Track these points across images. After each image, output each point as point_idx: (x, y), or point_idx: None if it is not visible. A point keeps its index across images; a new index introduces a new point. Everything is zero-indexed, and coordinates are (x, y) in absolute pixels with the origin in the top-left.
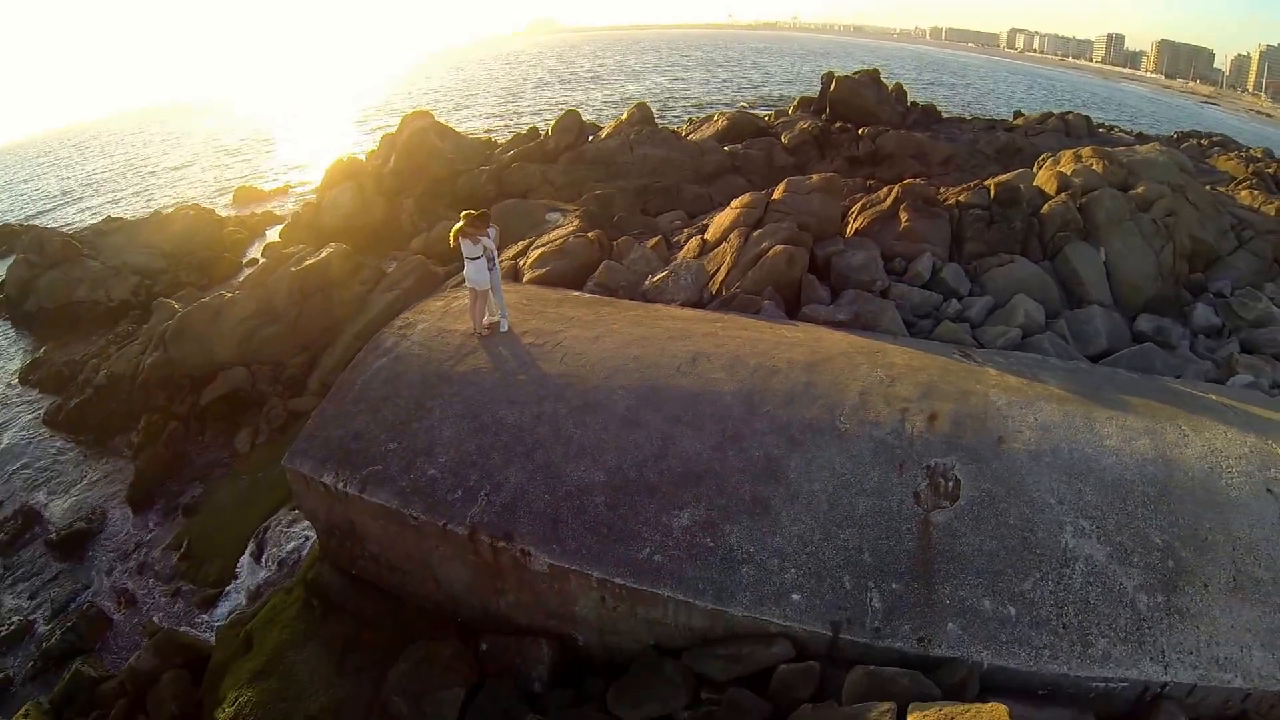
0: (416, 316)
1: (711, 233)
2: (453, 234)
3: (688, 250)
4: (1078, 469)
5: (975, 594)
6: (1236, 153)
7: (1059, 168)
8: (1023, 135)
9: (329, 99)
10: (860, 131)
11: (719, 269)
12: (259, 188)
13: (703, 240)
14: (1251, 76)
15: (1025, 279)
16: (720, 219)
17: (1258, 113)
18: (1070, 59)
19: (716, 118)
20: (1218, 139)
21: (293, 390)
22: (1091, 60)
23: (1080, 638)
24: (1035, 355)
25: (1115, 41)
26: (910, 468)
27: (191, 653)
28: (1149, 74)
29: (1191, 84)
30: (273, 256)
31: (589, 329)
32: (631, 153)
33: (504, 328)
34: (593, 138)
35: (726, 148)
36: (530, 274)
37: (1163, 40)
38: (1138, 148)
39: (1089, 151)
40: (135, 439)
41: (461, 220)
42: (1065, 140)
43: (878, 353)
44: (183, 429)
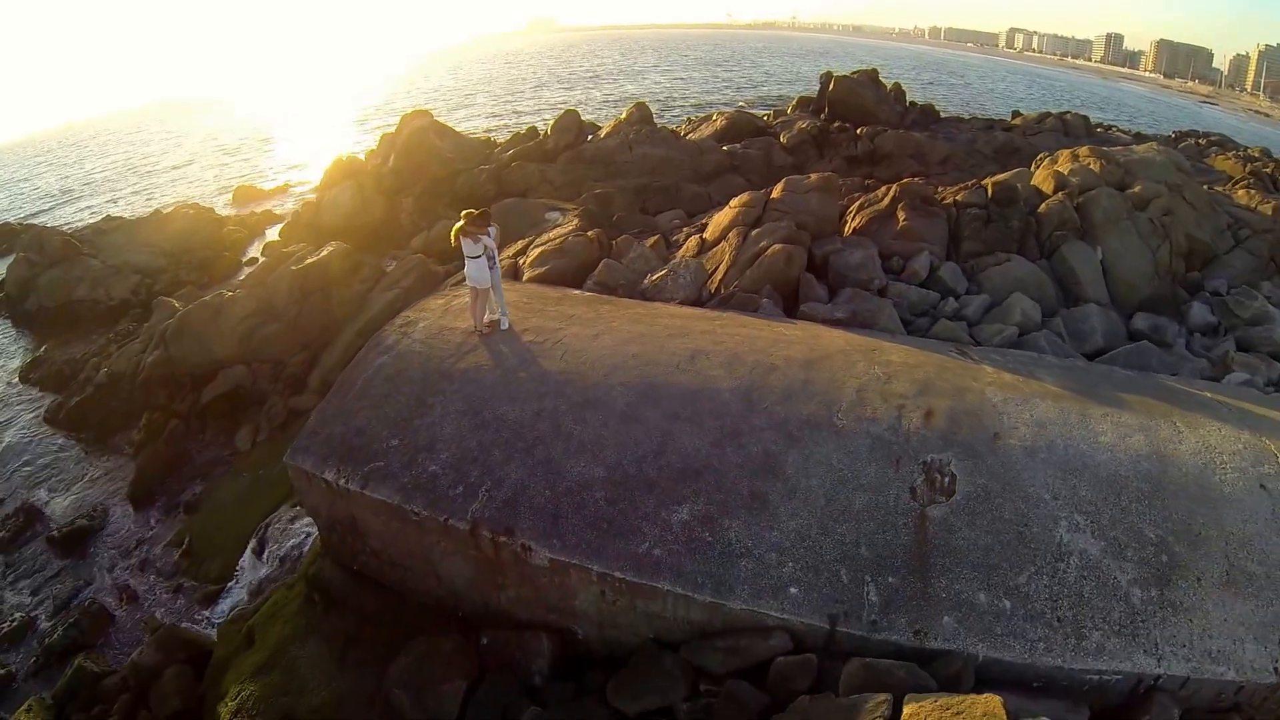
0: (417, 315)
1: (710, 232)
2: (454, 233)
3: (687, 249)
4: (1073, 465)
5: (971, 587)
6: (1234, 152)
7: (1056, 167)
8: (1021, 135)
9: (328, 98)
10: (859, 131)
11: (718, 268)
12: (258, 187)
13: (701, 239)
14: (1250, 76)
15: (1022, 278)
16: (719, 218)
17: (1256, 112)
18: (1069, 59)
19: (715, 117)
20: (1216, 138)
21: (293, 388)
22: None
23: (1074, 631)
24: (1031, 353)
25: (1114, 41)
26: (907, 463)
27: (194, 648)
28: (1148, 74)
29: (1190, 84)
30: (273, 255)
31: (589, 327)
32: (631, 152)
33: (504, 325)
34: (592, 137)
35: (725, 147)
36: (530, 272)
37: (1161, 40)
38: (1135, 147)
39: (1086, 151)
40: (136, 437)
41: (462, 219)
42: (1063, 140)
43: (875, 350)
44: (183, 427)
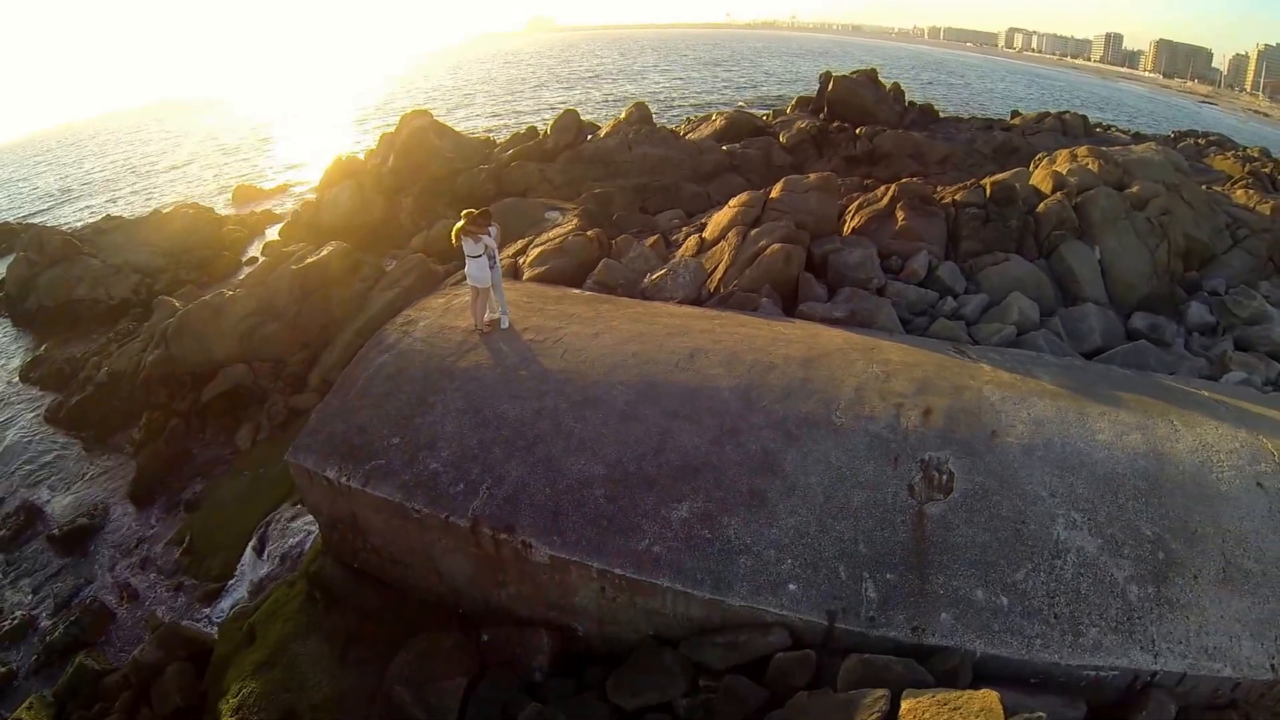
0: (418, 314)
1: (710, 231)
2: (454, 232)
3: (686, 248)
4: (1070, 463)
5: (968, 584)
6: (1233, 152)
7: (1055, 167)
8: (1020, 135)
9: (328, 98)
10: (858, 131)
11: (717, 267)
12: (258, 186)
13: (701, 239)
14: (1249, 76)
15: (1020, 277)
16: (718, 217)
17: (1255, 112)
18: (1068, 58)
19: (715, 117)
20: (1215, 138)
21: (294, 387)
22: (1090, 60)
23: (1071, 627)
24: (1029, 352)
25: (1113, 41)
26: (905, 461)
27: (195, 646)
28: (1147, 73)
29: (1189, 83)
30: (273, 255)
31: (589, 326)
32: (630, 152)
33: (505, 324)
34: (591, 137)
35: (725, 147)
36: (530, 272)
37: (1161, 40)
38: (1133, 147)
39: (1085, 151)
40: (137, 435)
41: (463, 219)
42: (1062, 140)
43: (873, 349)
44: (184, 426)
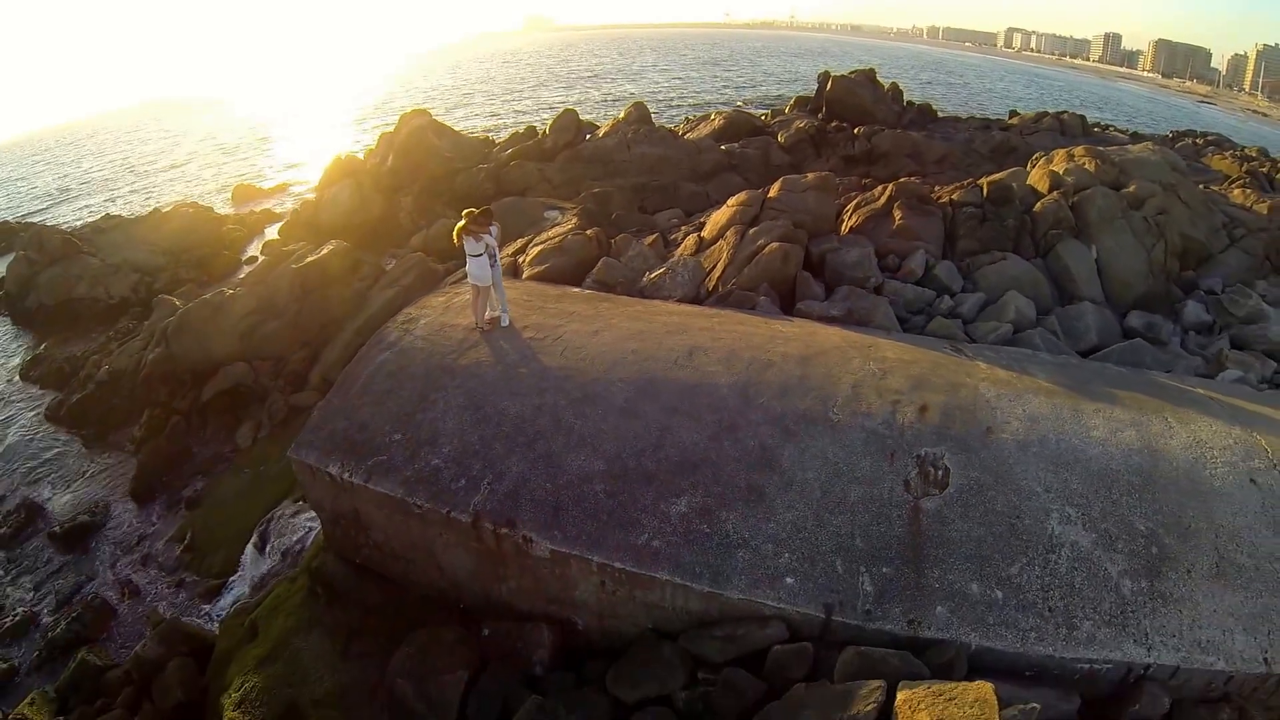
0: (419, 312)
1: (708, 230)
2: (456, 232)
3: (685, 247)
4: (1064, 459)
5: (963, 578)
6: (1231, 151)
7: (1052, 166)
8: (1018, 134)
9: (327, 98)
10: (856, 131)
11: (715, 266)
12: (257, 186)
13: (699, 238)
14: (1248, 76)
15: (1017, 276)
16: (717, 217)
17: (1254, 111)
18: (1067, 58)
19: (714, 117)
20: (1213, 138)
21: (294, 385)
22: (1089, 60)
23: (1065, 620)
24: (1025, 350)
25: (1112, 41)
26: (901, 457)
27: (196, 641)
28: (1146, 73)
29: (1189, 83)
30: (273, 254)
31: (588, 324)
32: (629, 151)
33: (505, 322)
34: (590, 136)
35: (723, 146)
36: (530, 271)
37: (1160, 40)
38: (1130, 147)
39: (1081, 151)
40: (137, 433)
41: (464, 219)
42: (1060, 139)
43: (870, 347)
44: (185, 424)
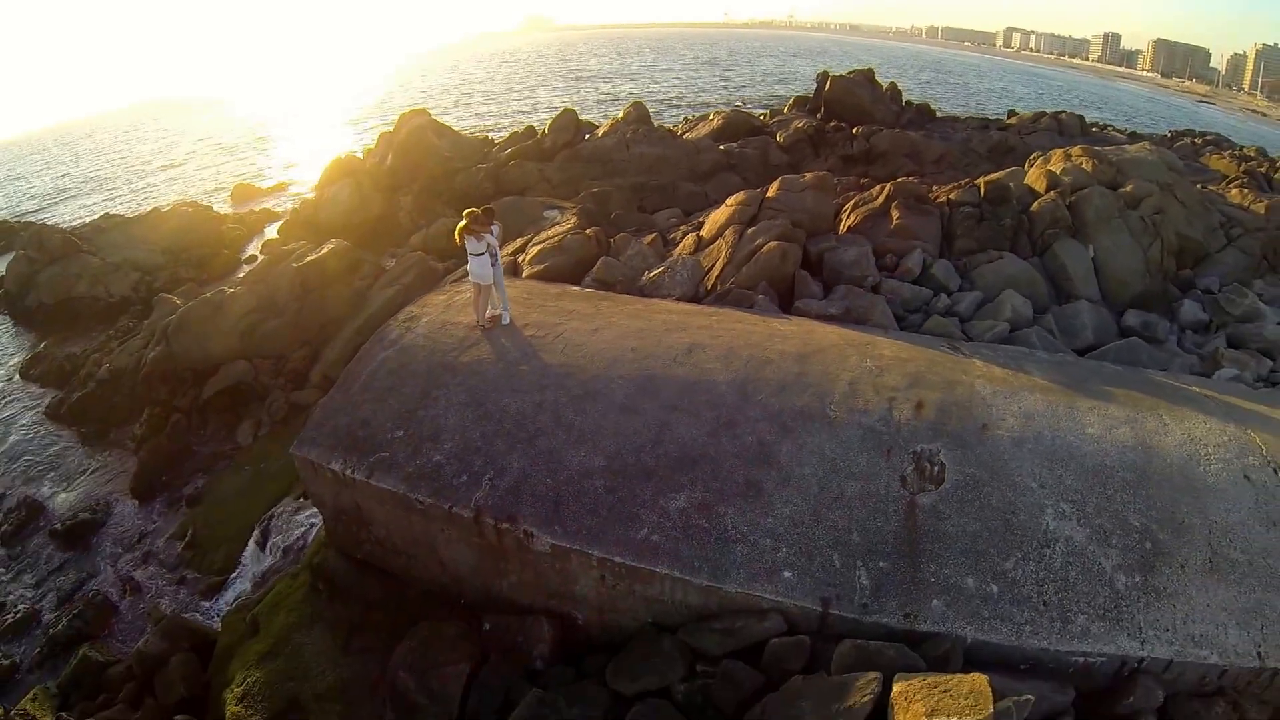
0: (420, 310)
1: (707, 229)
2: (458, 231)
3: (684, 246)
4: (1059, 455)
5: (959, 572)
6: (1230, 151)
7: (1049, 166)
8: (1016, 134)
9: (326, 98)
10: (855, 130)
11: (714, 265)
12: (256, 185)
13: (698, 237)
14: (1248, 75)
15: (1014, 275)
16: (716, 216)
17: (1253, 111)
18: (1066, 58)
19: (712, 117)
20: (1211, 138)
21: (294, 383)
22: (1088, 59)
23: (1060, 614)
24: (1022, 348)
25: (1111, 40)
26: (897, 453)
27: (198, 637)
28: (1145, 73)
29: (1188, 83)
30: (273, 253)
31: (588, 321)
32: (628, 151)
33: (506, 320)
34: (589, 136)
35: (722, 146)
36: (529, 269)
37: (1159, 39)
38: (1127, 147)
39: (1079, 150)
40: (138, 432)
41: (465, 218)
42: (1058, 139)
43: (868, 345)
44: (185, 422)
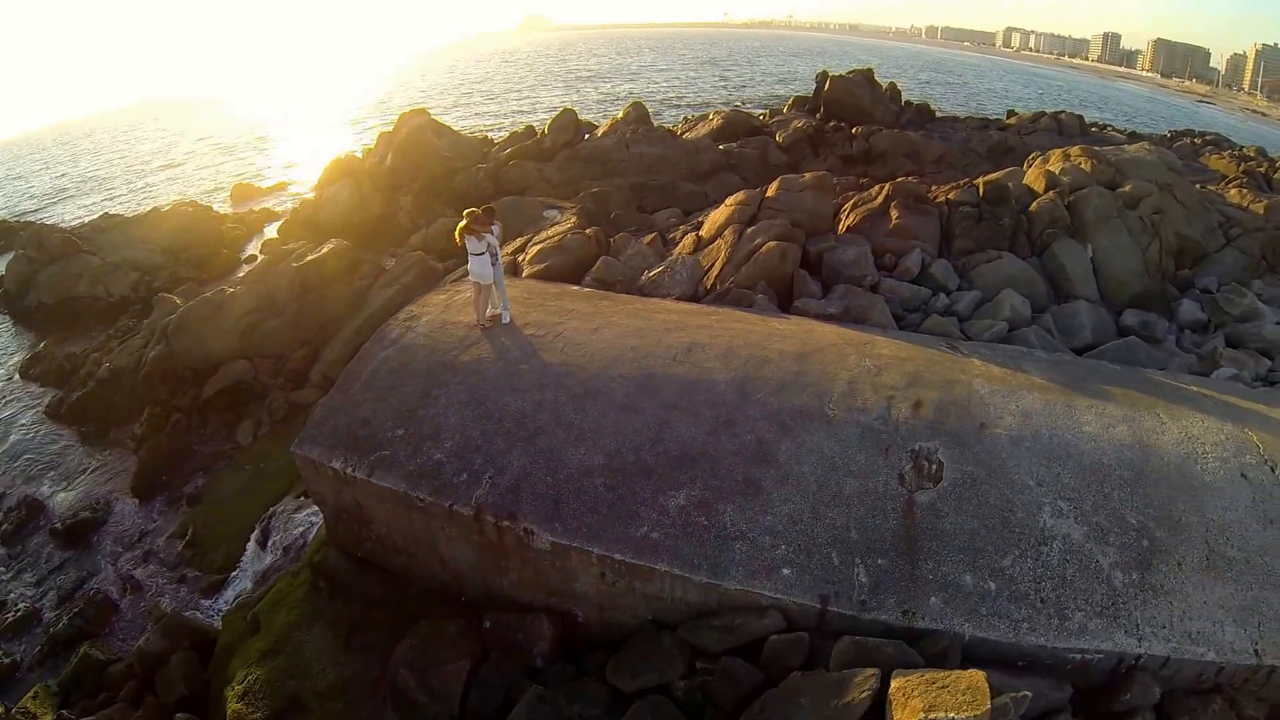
0: (420, 310)
1: (706, 229)
2: (458, 231)
3: (683, 246)
4: (1057, 453)
5: (957, 570)
6: (1229, 151)
7: (1048, 166)
8: (1015, 134)
9: (326, 98)
10: (854, 130)
11: (714, 264)
12: (256, 185)
13: (698, 237)
14: (1248, 75)
15: (1013, 274)
16: (715, 216)
17: (1253, 111)
18: (1066, 58)
19: (712, 117)
20: (1211, 138)
21: (294, 383)
22: (1088, 59)
23: (1057, 611)
24: (1020, 348)
25: (1111, 40)
26: (895, 451)
27: (199, 635)
28: (1145, 73)
29: (1188, 83)
30: (272, 252)
31: (588, 321)
32: (627, 151)
33: (506, 319)
34: (589, 136)
35: (721, 146)
36: (529, 269)
37: (1159, 39)
38: (1126, 147)
39: (1077, 150)
40: (138, 431)
41: (465, 218)
42: (1058, 139)
43: (866, 344)
44: (185, 421)
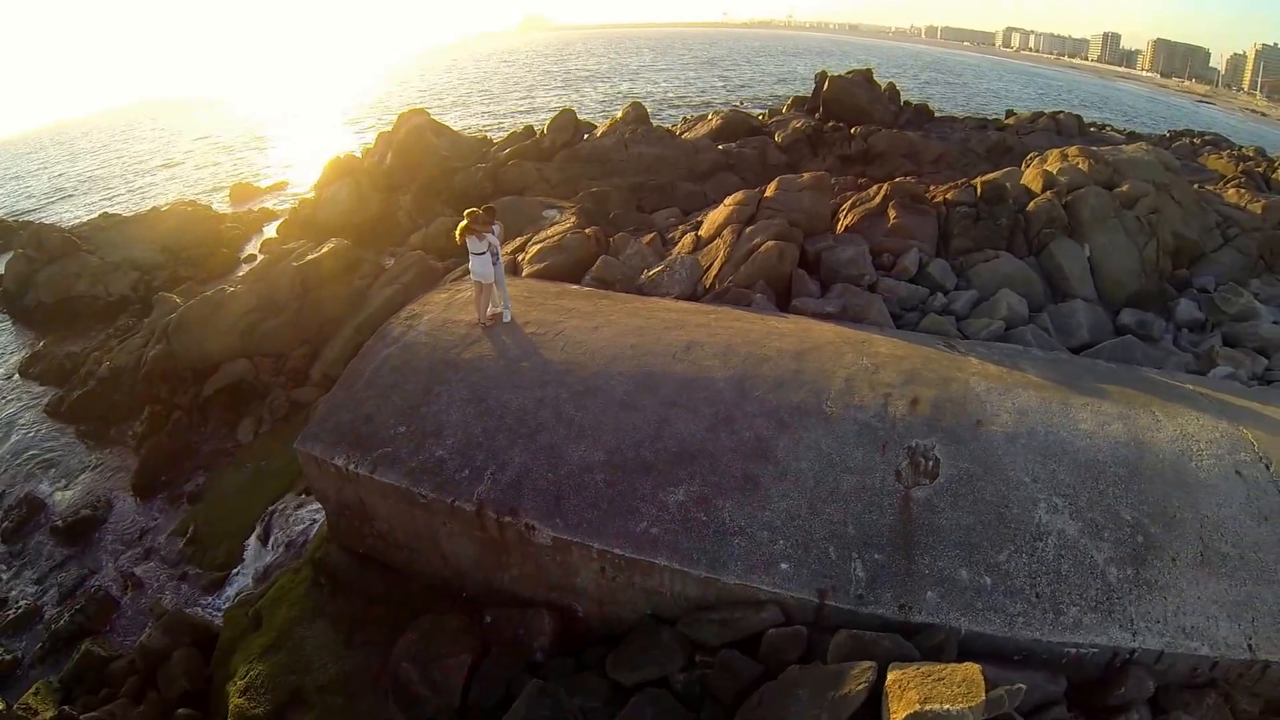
0: (422, 308)
1: (705, 229)
2: (459, 231)
3: (682, 246)
4: (1052, 450)
5: (953, 565)
6: (1228, 151)
7: (1045, 166)
8: (1014, 134)
9: (325, 98)
10: (853, 130)
11: (712, 264)
12: (255, 184)
13: (697, 236)
14: (1247, 75)
15: (1010, 274)
16: (714, 216)
17: (1253, 111)
18: (1066, 58)
19: (711, 116)
20: (1210, 138)
21: (295, 381)
22: (1087, 59)
23: (1052, 606)
24: (1017, 346)
25: (1111, 40)
26: (892, 448)
27: (200, 632)
28: (1145, 73)
29: (1187, 83)
30: (272, 252)
31: (588, 319)
32: (626, 151)
33: (507, 318)
34: (588, 136)
35: (720, 146)
36: (529, 268)
37: (1159, 39)
38: (1124, 147)
39: (1075, 150)
40: (138, 429)
41: (466, 218)
42: (1056, 139)
43: (864, 342)
44: (186, 419)
